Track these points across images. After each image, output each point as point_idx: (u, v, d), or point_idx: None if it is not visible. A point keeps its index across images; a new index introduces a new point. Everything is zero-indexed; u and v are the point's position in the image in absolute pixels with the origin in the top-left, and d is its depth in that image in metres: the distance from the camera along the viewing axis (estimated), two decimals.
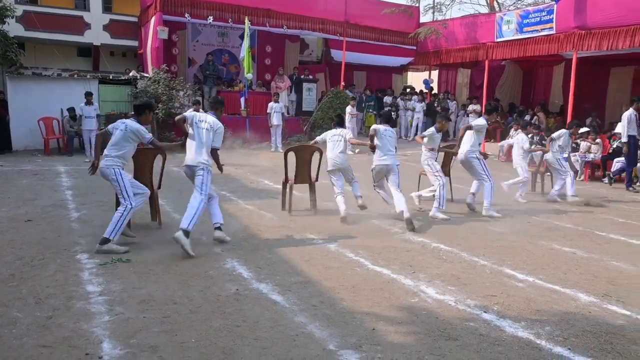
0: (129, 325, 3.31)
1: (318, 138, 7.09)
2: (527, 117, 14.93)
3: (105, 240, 4.82)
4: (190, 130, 5.21)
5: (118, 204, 5.78)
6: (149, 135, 5.23)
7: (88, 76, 13.69)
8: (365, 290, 4.05)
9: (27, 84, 12.67)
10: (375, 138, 6.56)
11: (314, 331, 3.29)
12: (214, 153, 5.23)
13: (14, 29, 14.09)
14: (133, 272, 4.31)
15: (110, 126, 5.23)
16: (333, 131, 6.92)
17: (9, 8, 12.89)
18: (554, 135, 8.66)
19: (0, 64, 13.18)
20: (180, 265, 4.54)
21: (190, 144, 5.21)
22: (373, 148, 6.61)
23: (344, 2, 16.26)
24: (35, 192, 7.76)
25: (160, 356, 2.93)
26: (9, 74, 12.65)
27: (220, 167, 5.35)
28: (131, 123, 5.11)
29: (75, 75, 13.47)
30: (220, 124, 5.28)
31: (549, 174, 9.18)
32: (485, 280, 4.36)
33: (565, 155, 8.71)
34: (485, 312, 3.66)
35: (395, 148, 6.79)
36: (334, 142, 6.81)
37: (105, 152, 5.07)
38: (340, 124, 7.10)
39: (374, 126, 6.74)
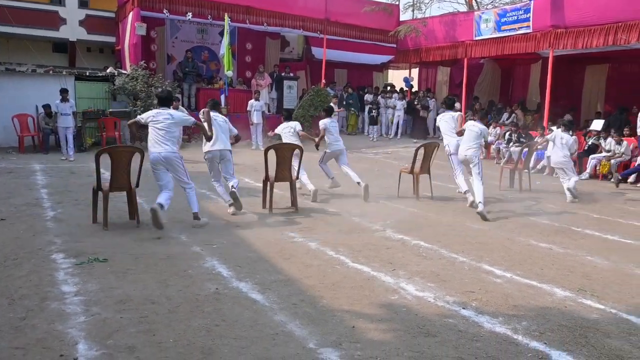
0: (106, 326, 3.25)
1: (276, 130, 8.00)
2: (506, 115, 15.13)
3: (196, 215, 5.78)
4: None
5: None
6: (192, 119, 6.11)
7: (64, 72, 13.40)
8: (345, 288, 4.06)
9: (0, 80, 12.36)
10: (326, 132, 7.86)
11: (294, 329, 3.28)
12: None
13: None
14: (110, 272, 4.24)
15: (141, 116, 5.79)
16: (285, 124, 7.85)
17: None
18: (549, 136, 8.69)
19: None
20: (159, 264, 4.49)
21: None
22: (317, 146, 7.96)
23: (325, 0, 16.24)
24: (9, 190, 7.59)
25: (137, 357, 2.88)
26: None
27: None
28: (175, 112, 5.93)
29: (51, 72, 13.18)
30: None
31: (526, 171, 9.32)
32: (464, 276, 4.41)
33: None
34: (463, 308, 3.69)
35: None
36: (286, 134, 7.69)
37: (161, 140, 5.54)
38: (330, 114, 8.28)
39: (323, 122, 7.97)
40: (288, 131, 7.71)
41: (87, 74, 13.83)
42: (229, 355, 2.93)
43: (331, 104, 10.88)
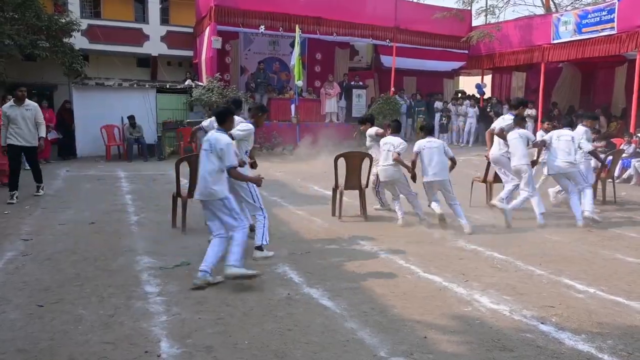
0: (185, 326, 3.42)
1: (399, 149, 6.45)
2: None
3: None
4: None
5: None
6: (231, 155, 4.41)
7: (147, 85, 14.30)
8: (416, 297, 4.01)
9: (91, 93, 13.38)
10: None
11: (365, 337, 3.29)
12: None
13: (79, 41, 14.92)
14: (188, 275, 4.45)
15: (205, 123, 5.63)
16: (386, 138, 6.68)
17: (75, 22, 13.69)
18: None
19: (67, 75, 13.98)
20: None
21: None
22: (414, 177, 6.45)
23: (394, 7, 16.18)
24: (98, 196, 8.18)
25: (214, 356, 3.01)
26: (75, 85, 13.40)
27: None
28: (219, 137, 4.34)
29: (135, 85, 14.10)
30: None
31: (610, 180, 8.74)
32: (543, 290, 4.21)
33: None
34: (542, 323, 3.53)
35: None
36: (385, 151, 6.54)
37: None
38: (398, 130, 6.88)
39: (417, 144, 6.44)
40: (387, 148, 6.49)
41: (167, 86, 14.64)
42: (301, 359, 2.98)
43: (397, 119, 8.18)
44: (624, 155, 9.57)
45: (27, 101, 7.61)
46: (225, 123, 4.52)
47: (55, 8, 14.81)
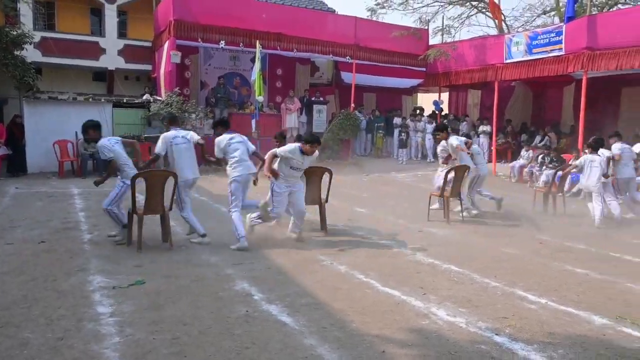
0: (139, 347, 3.32)
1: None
2: (538, 138, 14.90)
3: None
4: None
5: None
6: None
7: (103, 100, 13.96)
8: (375, 312, 4.03)
9: (43, 107, 12.94)
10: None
11: (324, 353, 3.27)
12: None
13: (32, 54, 14.46)
14: (144, 294, 4.33)
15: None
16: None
17: (27, 35, 13.26)
18: (577, 162, 8.33)
19: (18, 89, 13.49)
20: (190, 286, 4.56)
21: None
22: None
23: (354, 25, 16.47)
24: (49, 213, 7.87)
25: None
26: (26, 99, 12.94)
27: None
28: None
29: (90, 99, 13.74)
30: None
31: (560, 194, 9.11)
32: (497, 302, 4.32)
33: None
34: (497, 334, 3.61)
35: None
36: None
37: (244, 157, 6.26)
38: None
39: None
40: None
41: (125, 101, 14.34)
42: None
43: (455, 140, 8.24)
44: (572, 170, 9.96)
45: None
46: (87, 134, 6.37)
47: (6, 20, 14.35)
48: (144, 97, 14.80)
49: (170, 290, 4.45)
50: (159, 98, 14.46)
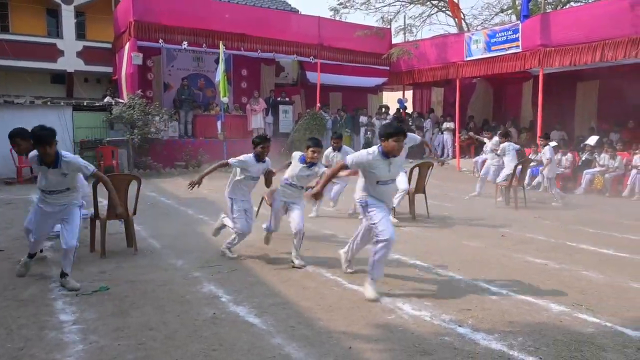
0: (104, 354, 3.27)
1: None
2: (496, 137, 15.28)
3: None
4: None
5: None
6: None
7: (62, 103, 13.58)
8: (342, 309, 4.08)
9: None
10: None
11: (291, 352, 3.30)
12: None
13: None
14: (108, 300, 4.26)
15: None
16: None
17: None
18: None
19: None
20: (156, 291, 4.51)
21: None
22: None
23: (317, 25, 16.56)
24: (7, 221, 7.62)
25: None
26: None
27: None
28: None
29: (49, 103, 13.35)
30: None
31: (521, 187, 9.39)
32: (461, 294, 4.43)
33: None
34: (460, 326, 3.71)
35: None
36: None
37: None
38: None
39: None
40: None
41: (85, 104, 14.00)
42: None
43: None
44: (532, 164, 10.31)
45: None
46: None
47: None
48: (106, 100, 14.50)
49: (135, 295, 4.39)
50: (121, 101, 14.18)
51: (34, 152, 4.70)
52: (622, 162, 10.91)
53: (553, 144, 10.84)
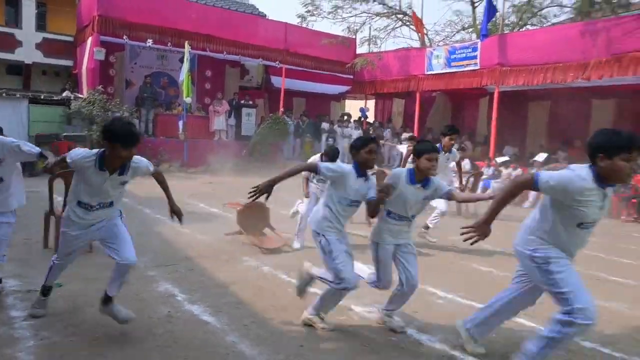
0: (56, 349, 3.28)
1: None
2: (456, 146, 15.79)
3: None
4: None
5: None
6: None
7: (18, 95, 13.18)
8: (296, 309, 4.20)
9: None
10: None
11: (245, 350, 3.40)
12: None
13: None
14: (60, 296, 4.24)
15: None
16: None
17: None
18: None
19: None
20: None
21: None
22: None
23: (284, 31, 16.72)
24: None
25: None
26: None
27: None
28: None
29: (4, 94, 12.93)
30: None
31: None
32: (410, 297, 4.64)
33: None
34: (407, 327, 3.92)
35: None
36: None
37: None
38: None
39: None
40: None
41: (42, 97, 13.64)
42: None
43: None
44: (484, 176, 10.77)
45: None
46: None
47: None
48: (64, 94, 14.17)
49: (89, 293, 4.38)
50: (80, 95, 13.89)
51: (84, 151, 3.67)
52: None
53: (504, 158, 11.34)
